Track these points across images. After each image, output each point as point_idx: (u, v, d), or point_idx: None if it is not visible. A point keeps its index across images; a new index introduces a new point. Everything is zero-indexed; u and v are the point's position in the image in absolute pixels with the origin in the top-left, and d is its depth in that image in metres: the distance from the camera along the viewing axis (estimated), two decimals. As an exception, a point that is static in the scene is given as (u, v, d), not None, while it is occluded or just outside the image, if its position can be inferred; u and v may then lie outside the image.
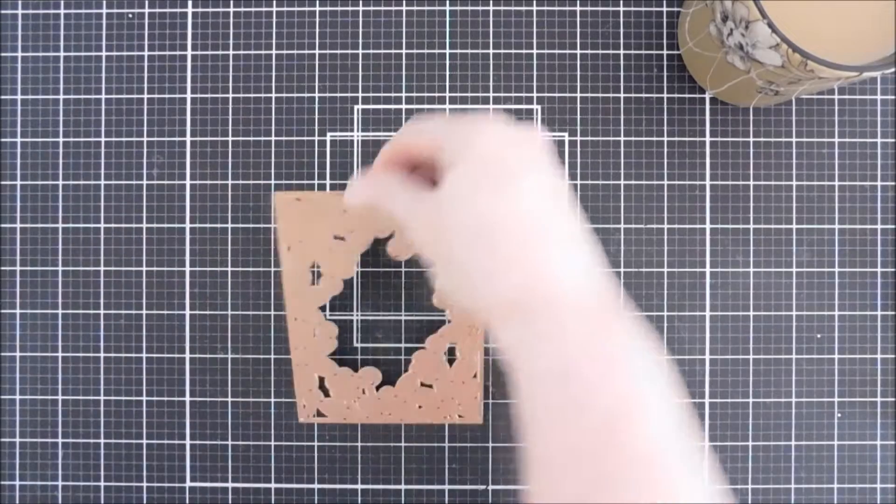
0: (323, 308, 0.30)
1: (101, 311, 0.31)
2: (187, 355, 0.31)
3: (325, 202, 0.29)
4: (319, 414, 0.30)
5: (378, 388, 0.30)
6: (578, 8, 0.31)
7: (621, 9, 0.31)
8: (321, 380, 0.30)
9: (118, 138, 0.31)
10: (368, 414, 0.30)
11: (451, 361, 0.30)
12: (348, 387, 0.30)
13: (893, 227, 0.31)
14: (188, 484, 0.31)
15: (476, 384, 0.30)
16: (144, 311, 0.31)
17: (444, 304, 0.30)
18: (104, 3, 0.31)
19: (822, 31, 0.24)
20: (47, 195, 0.31)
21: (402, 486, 0.31)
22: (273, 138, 0.31)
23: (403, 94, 0.31)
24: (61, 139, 0.31)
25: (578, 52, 0.31)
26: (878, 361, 0.31)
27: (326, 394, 0.30)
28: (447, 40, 0.31)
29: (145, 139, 0.31)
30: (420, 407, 0.30)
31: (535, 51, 0.31)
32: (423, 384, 0.30)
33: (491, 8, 0.31)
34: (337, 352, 0.30)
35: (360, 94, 0.31)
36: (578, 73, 0.31)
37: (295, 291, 0.29)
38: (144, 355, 0.31)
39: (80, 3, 0.31)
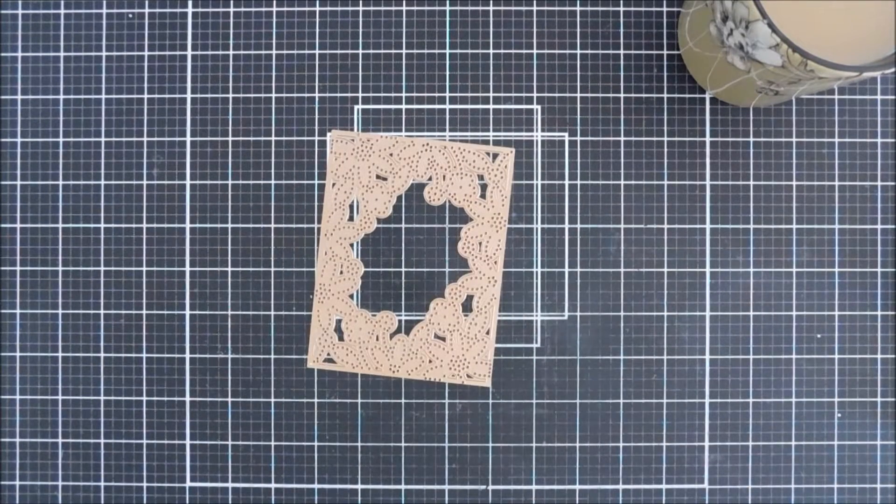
0: (352, 246, 0.30)
1: (101, 311, 0.31)
2: (187, 355, 0.31)
3: (374, 142, 0.30)
4: (329, 360, 0.30)
5: (392, 336, 0.30)
6: (578, 8, 0.31)
7: (621, 9, 0.31)
8: (337, 323, 0.30)
9: (118, 138, 0.31)
10: (378, 365, 0.30)
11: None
12: (363, 331, 0.30)
13: (893, 227, 0.31)
14: (188, 484, 0.31)
15: (489, 342, 0.30)
16: (144, 311, 0.31)
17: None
18: (104, 3, 0.31)
19: (822, 31, 0.24)
20: (47, 195, 0.31)
21: (402, 486, 0.31)
22: (273, 138, 0.31)
23: (403, 94, 0.31)
24: (61, 139, 0.31)
25: (578, 52, 0.31)
26: (878, 361, 0.31)
27: (341, 339, 0.30)
28: (447, 40, 0.31)
29: (145, 139, 0.31)
30: (430, 361, 0.30)
31: (535, 51, 0.31)
32: (437, 336, 0.30)
33: (491, 8, 0.31)
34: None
35: (360, 94, 0.31)
36: (578, 73, 0.31)
37: (331, 227, 0.30)
38: (144, 355, 0.31)
39: (80, 3, 0.31)
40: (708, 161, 0.31)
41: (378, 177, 0.31)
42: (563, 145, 0.31)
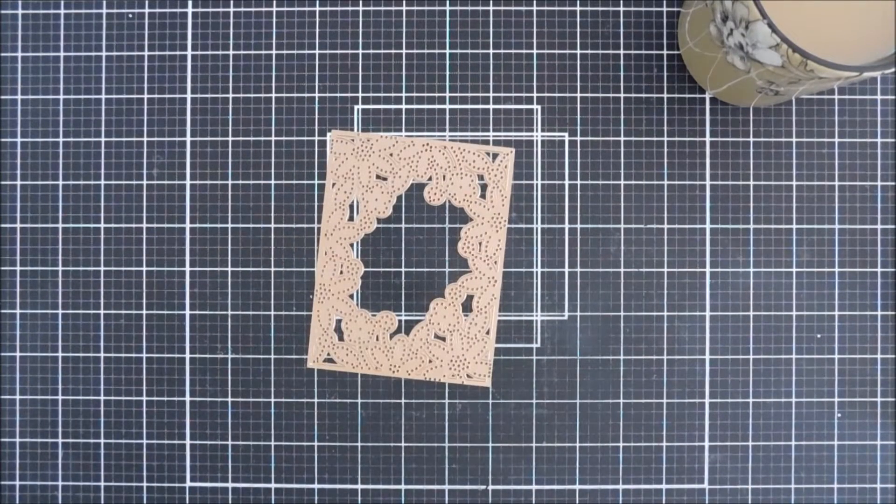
0: (352, 246, 0.30)
1: (101, 311, 0.31)
2: (187, 355, 0.31)
3: (374, 142, 0.30)
4: (329, 360, 0.30)
5: (392, 336, 0.30)
6: (578, 8, 0.31)
7: (621, 9, 0.31)
8: (337, 323, 0.30)
9: (118, 138, 0.31)
10: (378, 365, 0.30)
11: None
12: (363, 331, 0.30)
13: (893, 227, 0.31)
14: (188, 484, 0.31)
15: (489, 342, 0.30)
16: (144, 311, 0.31)
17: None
18: (104, 3, 0.31)
19: (822, 31, 0.24)
20: (47, 195, 0.31)
21: (402, 486, 0.31)
22: (273, 138, 0.31)
23: (403, 94, 0.31)
24: (61, 139, 0.31)
25: (578, 52, 0.31)
26: (878, 361, 0.31)
27: (341, 339, 0.30)
28: (447, 40, 0.31)
29: (145, 139, 0.31)
30: (430, 361, 0.30)
31: (535, 51, 0.31)
32: (437, 336, 0.30)
33: (491, 8, 0.31)
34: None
35: (360, 94, 0.31)
36: (578, 73, 0.31)
37: (331, 227, 0.30)
38: (144, 355, 0.31)
39: (80, 3, 0.31)
40: (708, 161, 0.31)
41: (378, 177, 0.31)
42: (563, 145, 0.31)
